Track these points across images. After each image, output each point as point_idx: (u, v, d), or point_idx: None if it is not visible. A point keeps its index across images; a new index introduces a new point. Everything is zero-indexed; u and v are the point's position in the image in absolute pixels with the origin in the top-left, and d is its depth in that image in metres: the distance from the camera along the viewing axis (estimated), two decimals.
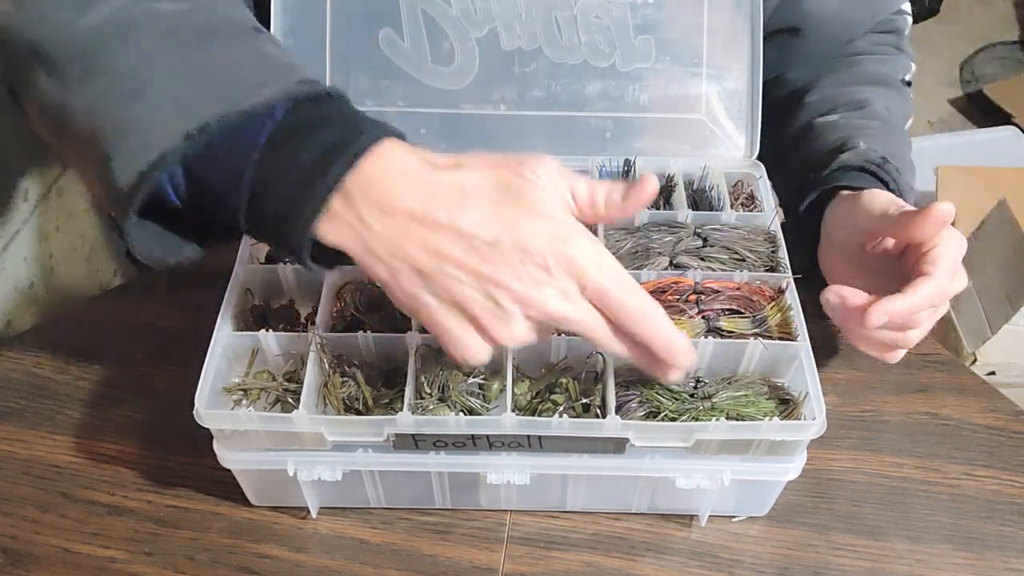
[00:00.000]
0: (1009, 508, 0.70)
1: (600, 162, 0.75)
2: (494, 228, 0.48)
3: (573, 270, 0.48)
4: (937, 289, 0.61)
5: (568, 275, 0.48)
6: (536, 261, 0.47)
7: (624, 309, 0.49)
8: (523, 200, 0.48)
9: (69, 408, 0.76)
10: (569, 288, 0.48)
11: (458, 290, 0.48)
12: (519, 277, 0.47)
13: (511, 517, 0.69)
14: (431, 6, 0.73)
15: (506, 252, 0.47)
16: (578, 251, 0.48)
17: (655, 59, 0.75)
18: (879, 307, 0.59)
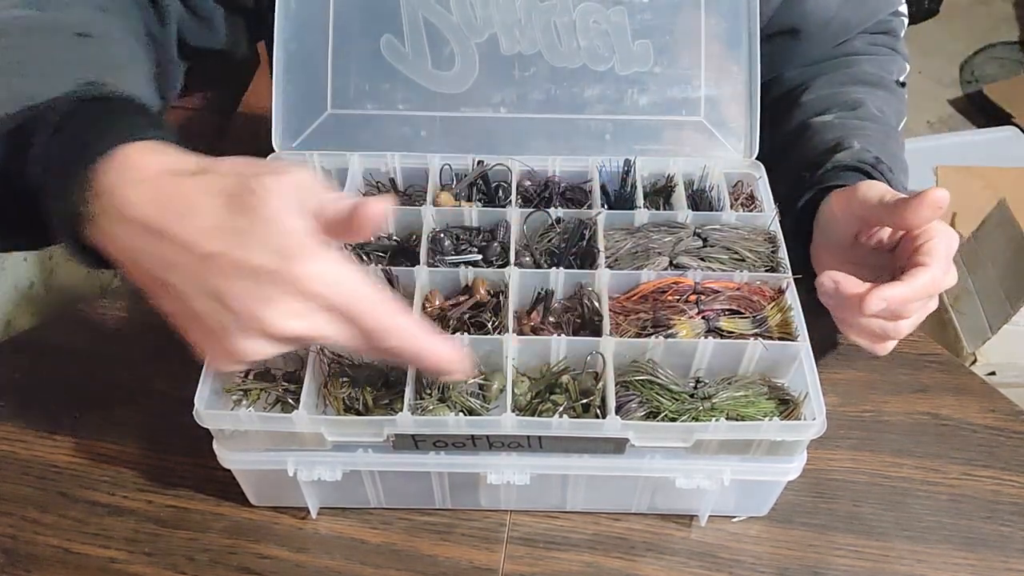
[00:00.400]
0: (1009, 508, 0.70)
1: (600, 162, 0.75)
2: (220, 241, 0.45)
3: (301, 288, 0.45)
4: (933, 279, 0.62)
5: (296, 294, 0.45)
6: (261, 278, 0.45)
7: (365, 327, 0.47)
8: (255, 213, 0.45)
9: (69, 408, 0.76)
10: (297, 307, 0.45)
11: (191, 302, 0.47)
12: (245, 293, 0.45)
13: (511, 517, 0.69)
14: (432, 13, 0.74)
15: (229, 266, 0.45)
16: (305, 269, 0.45)
17: (654, 63, 0.75)
18: (878, 292, 0.60)
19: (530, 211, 0.71)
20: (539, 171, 0.76)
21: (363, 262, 0.70)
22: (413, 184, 0.77)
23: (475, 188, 0.76)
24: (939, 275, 0.63)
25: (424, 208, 0.71)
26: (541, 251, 0.71)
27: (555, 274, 0.67)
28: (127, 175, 0.47)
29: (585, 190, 0.75)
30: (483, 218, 0.73)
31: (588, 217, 0.71)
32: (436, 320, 0.66)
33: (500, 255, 0.69)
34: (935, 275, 0.62)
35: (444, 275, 0.68)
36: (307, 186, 0.48)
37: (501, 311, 0.66)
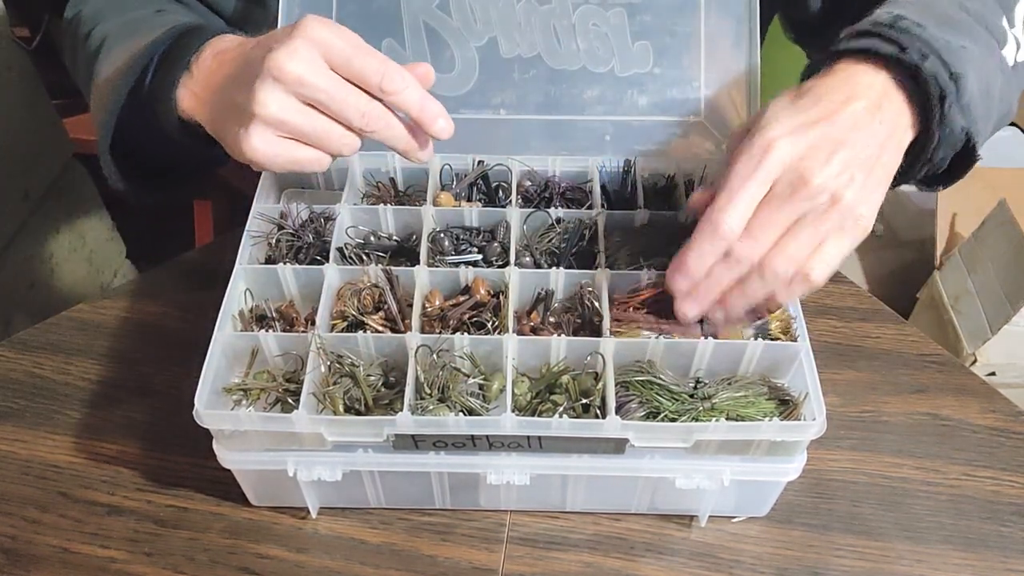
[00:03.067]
0: (1009, 508, 0.70)
1: (600, 163, 0.75)
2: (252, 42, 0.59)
3: (304, 32, 0.53)
4: (712, 230, 0.54)
5: (299, 36, 0.53)
6: (276, 34, 0.56)
7: (361, 70, 0.54)
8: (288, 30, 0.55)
9: (69, 408, 0.76)
10: (299, 48, 0.53)
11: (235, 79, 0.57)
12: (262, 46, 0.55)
13: (511, 517, 0.69)
14: (432, 17, 0.74)
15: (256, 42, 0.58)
16: (308, 19, 0.54)
17: (653, 64, 0.76)
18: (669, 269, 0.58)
19: (530, 211, 0.71)
20: (539, 171, 0.76)
21: (363, 262, 0.70)
22: (413, 184, 0.77)
23: (475, 188, 0.76)
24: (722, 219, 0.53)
25: (424, 208, 0.71)
26: (541, 251, 0.71)
27: (555, 274, 0.67)
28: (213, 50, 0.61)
29: (585, 190, 0.76)
30: (483, 218, 0.73)
31: (588, 217, 0.71)
32: (436, 320, 0.66)
33: (500, 255, 0.69)
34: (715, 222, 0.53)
35: (444, 275, 0.68)
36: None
37: (501, 311, 0.66)
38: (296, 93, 0.54)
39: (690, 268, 0.57)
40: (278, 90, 0.54)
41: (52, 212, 1.34)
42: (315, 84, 0.53)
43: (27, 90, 1.25)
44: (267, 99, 0.54)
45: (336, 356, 0.63)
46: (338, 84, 0.54)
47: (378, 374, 0.64)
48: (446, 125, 0.57)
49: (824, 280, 0.55)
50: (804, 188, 0.53)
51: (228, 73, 0.58)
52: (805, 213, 0.54)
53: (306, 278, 0.69)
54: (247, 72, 0.55)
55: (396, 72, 0.55)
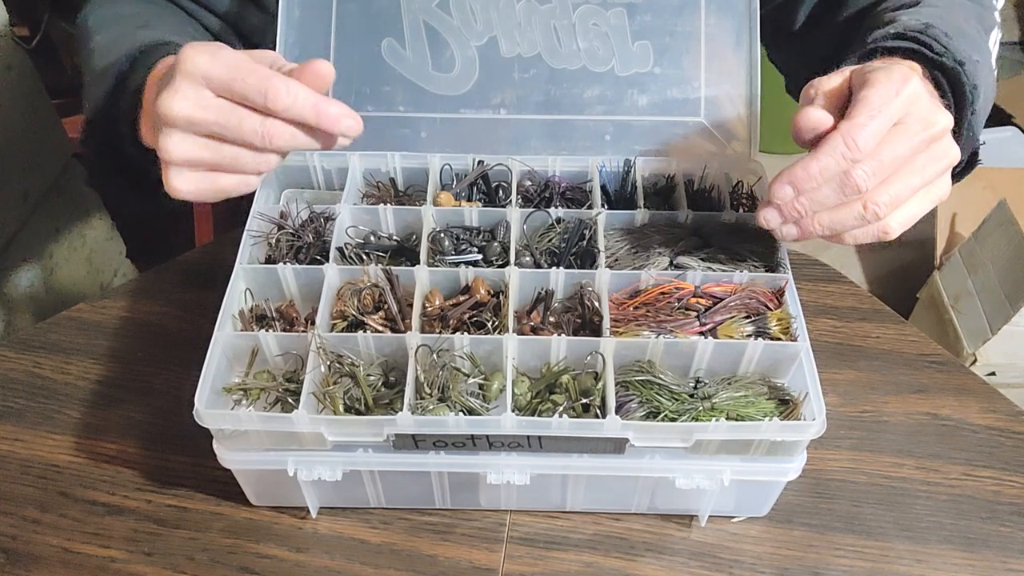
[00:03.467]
0: (1009, 508, 0.70)
1: (600, 162, 0.75)
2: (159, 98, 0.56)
3: (183, 68, 0.53)
4: (844, 143, 0.54)
5: (182, 77, 0.53)
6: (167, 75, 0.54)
7: (248, 92, 0.52)
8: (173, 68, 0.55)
9: (69, 408, 0.76)
10: (182, 87, 0.53)
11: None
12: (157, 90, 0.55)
13: (511, 517, 0.69)
14: (432, 17, 0.74)
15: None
16: (186, 52, 0.53)
17: (653, 64, 0.76)
18: (778, 178, 0.56)
19: (530, 211, 0.71)
20: (539, 171, 0.76)
21: (363, 262, 0.70)
22: (413, 184, 0.77)
23: (475, 188, 0.76)
24: (857, 135, 0.53)
25: (424, 208, 0.71)
26: (541, 251, 0.71)
27: (555, 274, 0.67)
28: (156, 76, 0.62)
29: (585, 190, 0.76)
30: (483, 218, 0.73)
31: (588, 217, 0.71)
32: (436, 320, 0.66)
33: (500, 255, 0.69)
34: (846, 137, 0.53)
35: (444, 275, 0.68)
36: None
37: (501, 311, 0.66)
38: (192, 131, 0.54)
39: (806, 177, 0.55)
40: (175, 134, 0.54)
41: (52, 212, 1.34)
42: (204, 119, 0.53)
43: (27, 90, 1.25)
44: (168, 145, 0.54)
45: (336, 356, 0.63)
46: (228, 112, 0.53)
47: (378, 374, 0.64)
48: (353, 124, 0.55)
49: (897, 232, 0.58)
50: (931, 128, 0.55)
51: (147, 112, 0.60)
52: (919, 155, 0.56)
53: (306, 278, 0.69)
54: (153, 117, 0.55)
55: (280, 87, 0.52)
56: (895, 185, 0.56)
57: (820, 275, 0.88)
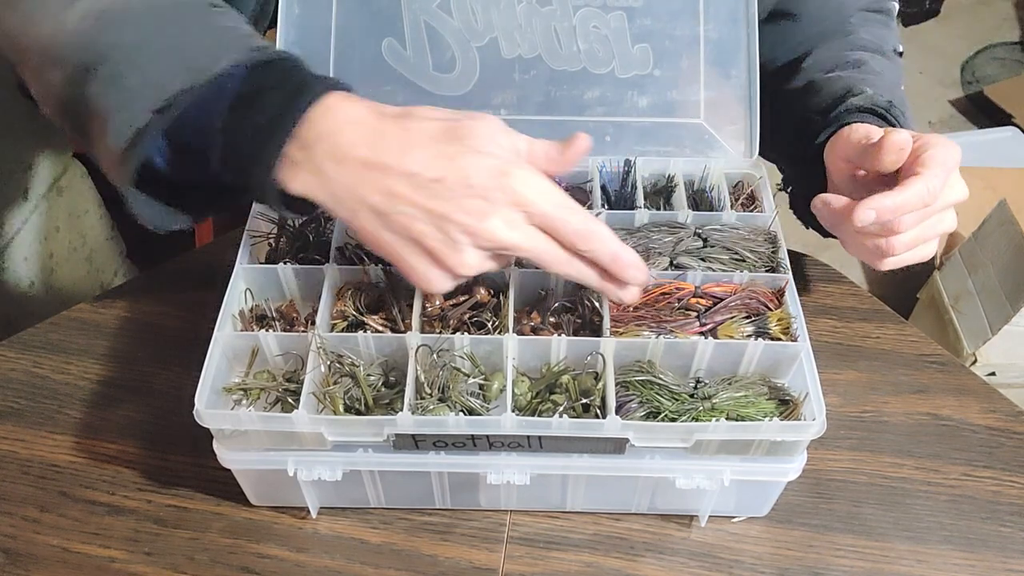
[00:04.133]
0: (1009, 508, 0.70)
1: (601, 162, 0.75)
2: (439, 166, 0.51)
3: (515, 199, 0.51)
4: (927, 188, 0.60)
5: (511, 204, 0.51)
6: (479, 193, 0.51)
7: (568, 229, 0.53)
8: (466, 140, 0.52)
9: (69, 408, 0.76)
10: (513, 217, 0.52)
11: (412, 226, 0.52)
12: (465, 210, 0.51)
13: (511, 517, 0.69)
14: (433, 17, 0.74)
15: (451, 187, 0.51)
16: (518, 182, 0.51)
17: (653, 66, 0.76)
18: (867, 203, 0.61)
19: None
20: None
21: (363, 262, 0.70)
22: None
23: None
24: (934, 184, 0.61)
25: None
26: None
27: (555, 274, 0.67)
28: (338, 120, 0.52)
29: (585, 190, 0.75)
30: None
31: None
32: (436, 320, 0.66)
33: None
34: (929, 184, 0.60)
35: None
36: (505, 126, 0.55)
37: (501, 311, 0.66)
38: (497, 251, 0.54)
39: (891, 209, 0.61)
40: (480, 252, 0.53)
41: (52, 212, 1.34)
42: (520, 249, 0.53)
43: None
44: (468, 260, 0.53)
45: (336, 356, 0.63)
46: (541, 249, 0.54)
47: (378, 374, 0.64)
48: (639, 275, 0.56)
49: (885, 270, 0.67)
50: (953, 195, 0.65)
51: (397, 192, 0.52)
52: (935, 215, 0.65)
53: (306, 278, 0.69)
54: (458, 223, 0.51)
55: (595, 235, 0.53)
56: (914, 233, 0.64)
57: (820, 275, 0.88)
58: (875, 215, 0.61)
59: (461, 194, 0.51)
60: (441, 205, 0.51)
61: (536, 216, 0.52)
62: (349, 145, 0.52)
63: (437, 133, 0.52)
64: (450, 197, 0.51)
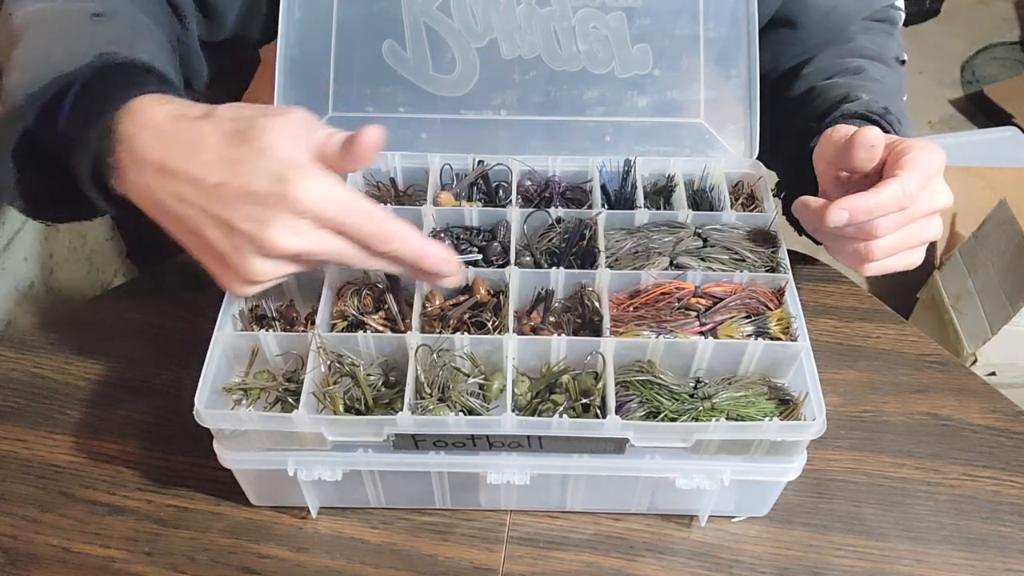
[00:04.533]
0: (1009, 508, 0.70)
1: (600, 162, 0.75)
2: (222, 171, 0.50)
3: (295, 207, 0.50)
4: (902, 189, 0.59)
5: (291, 212, 0.50)
6: (259, 201, 0.50)
7: (361, 233, 0.52)
8: (253, 143, 0.50)
9: (69, 408, 0.76)
10: (296, 224, 0.50)
11: (202, 231, 0.52)
12: (247, 217, 0.50)
13: (511, 517, 0.69)
14: (433, 19, 0.75)
15: (233, 193, 0.50)
16: (298, 188, 0.49)
17: (653, 66, 0.76)
18: (838, 203, 0.60)
19: (530, 211, 0.71)
20: (539, 171, 0.76)
21: None
22: (413, 184, 0.77)
23: (475, 188, 0.76)
24: (910, 186, 0.60)
25: (424, 208, 0.71)
26: (541, 251, 0.71)
27: (555, 274, 0.67)
28: (139, 122, 0.53)
29: (585, 190, 0.76)
30: (483, 218, 0.73)
31: (588, 217, 0.71)
32: (436, 320, 0.66)
33: (500, 255, 0.69)
34: (905, 186, 0.59)
35: None
36: (306, 122, 0.53)
37: (501, 311, 0.66)
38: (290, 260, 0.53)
39: (863, 210, 0.60)
40: (269, 261, 0.53)
41: None
42: (312, 254, 0.52)
43: None
44: (258, 268, 0.52)
45: (336, 356, 0.63)
46: (336, 250, 0.53)
47: (378, 374, 0.64)
48: (452, 269, 0.57)
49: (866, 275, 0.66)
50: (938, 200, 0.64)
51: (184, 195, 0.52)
52: (919, 220, 0.64)
53: (306, 278, 0.69)
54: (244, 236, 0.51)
55: (393, 235, 0.53)
56: (895, 237, 0.63)
57: (820, 275, 0.88)
58: (847, 215, 0.60)
59: (242, 201, 0.50)
60: (225, 211, 0.51)
61: (324, 222, 0.51)
62: (145, 148, 0.52)
63: (227, 135, 0.51)
64: (232, 204, 0.50)
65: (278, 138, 0.51)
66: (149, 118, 0.53)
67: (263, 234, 0.50)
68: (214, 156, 0.51)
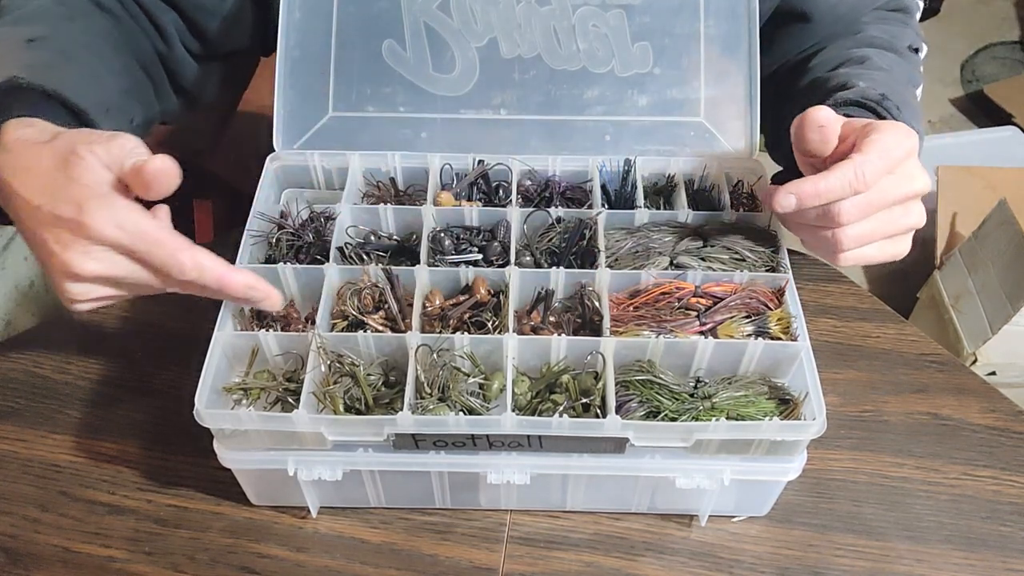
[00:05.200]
0: (1009, 508, 0.70)
1: (600, 162, 0.75)
2: (41, 195, 0.54)
3: (89, 234, 0.53)
4: (854, 172, 0.58)
5: (87, 239, 0.53)
6: (65, 225, 0.53)
7: (155, 262, 0.54)
8: (66, 170, 0.54)
9: (69, 408, 0.76)
10: (93, 249, 0.54)
11: (34, 249, 0.57)
12: (56, 239, 0.54)
13: (511, 517, 0.69)
14: (432, 18, 0.75)
15: (46, 216, 0.54)
16: (91, 217, 0.53)
17: (653, 64, 0.76)
18: (787, 187, 0.59)
19: (530, 211, 0.71)
20: (539, 171, 0.76)
21: (363, 262, 0.70)
22: (413, 184, 0.77)
23: (475, 188, 0.76)
24: (864, 168, 0.58)
25: (424, 208, 0.71)
26: (541, 251, 0.71)
27: (555, 274, 0.67)
28: (2, 143, 0.58)
29: (585, 190, 0.76)
30: (483, 218, 0.73)
31: (588, 217, 0.71)
32: (436, 320, 0.66)
33: (500, 255, 0.69)
34: (858, 168, 0.57)
35: (444, 274, 0.68)
36: (120, 149, 0.55)
37: (501, 311, 0.66)
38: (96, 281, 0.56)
39: (812, 194, 0.59)
40: (78, 284, 0.55)
41: None
42: (112, 276, 0.55)
43: None
44: (70, 289, 0.56)
45: (336, 355, 0.63)
46: (136, 274, 0.55)
47: (378, 373, 0.64)
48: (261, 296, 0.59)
49: (844, 265, 0.64)
50: (914, 185, 0.61)
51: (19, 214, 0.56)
52: (896, 207, 0.61)
53: (306, 278, 0.69)
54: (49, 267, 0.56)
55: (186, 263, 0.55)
56: (865, 225, 0.61)
57: (820, 275, 0.88)
58: (795, 200, 0.59)
59: (52, 224, 0.54)
60: (42, 232, 0.55)
61: (119, 249, 0.54)
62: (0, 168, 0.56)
63: (54, 161, 0.55)
64: (46, 226, 0.54)
65: (87, 166, 0.54)
66: (8, 140, 0.57)
67: (65, 257, 0.54)
68: (40, 180, 0.55)
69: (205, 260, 0.55)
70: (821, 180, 0.58)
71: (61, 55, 0.68)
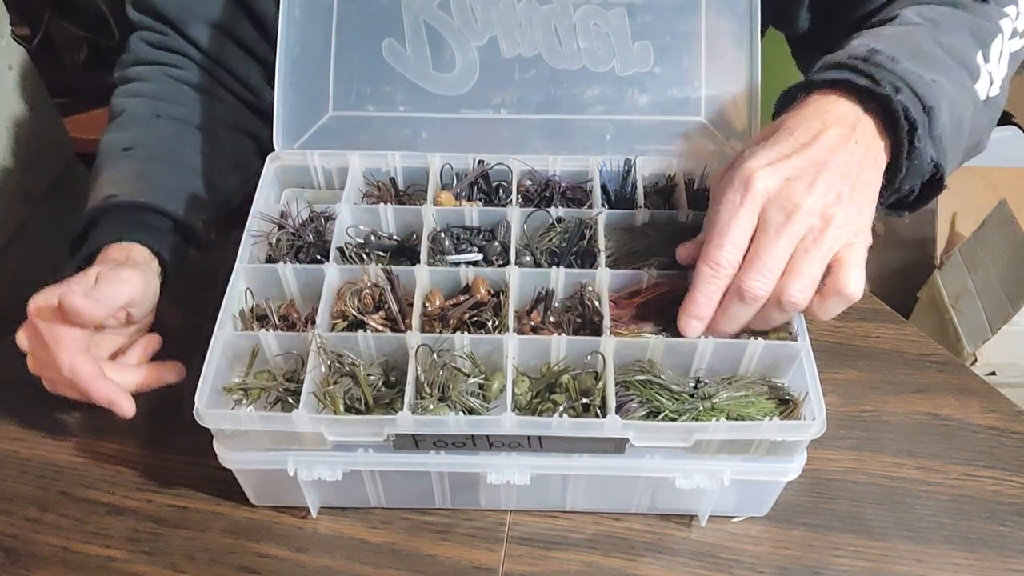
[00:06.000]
0: (1009, 508, 0.70)
1: (601, 162, 0.75)
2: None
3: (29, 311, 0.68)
4: (708, 266, 0.56)
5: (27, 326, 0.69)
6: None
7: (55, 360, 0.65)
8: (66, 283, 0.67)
9: (69, 408, 0.76)
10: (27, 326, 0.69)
11: None
12: None
13: (511, 517, 0.69)
14: (433, 17, 0.74)
15: None
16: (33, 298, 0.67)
17: (654, 64, 0.75)
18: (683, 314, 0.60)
19: (531, 210, 0.71)
20: (539, 171, 0.76)
21: (364, 261, 0.70)
22: (414, 183, 0.77)
23: (475, 187, 0.76)
24: (713, 256, 0.56)
25: (424, 207, 0.71)
26: (541, 251, 0.71)
27: (555, 274, 0.67)
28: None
29: (586, 190, 0.75)
30: (484, 217, 0.73)
31: (589, 217, 0.71)
32: (436, 320, 0.66)
33: (500, 255, 0.69)
34: (708, 260, 0.56)
35: (444, 274, 0.68)
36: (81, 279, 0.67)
37: (501, 311, 0.66)
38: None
39: (702, 311, 0.59)
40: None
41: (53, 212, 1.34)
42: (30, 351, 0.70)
43: (27, 89, 1.25)
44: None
45: (336, 356, 0.63)
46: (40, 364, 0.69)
47: (378, 374, 0.64)
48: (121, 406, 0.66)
49: (860, 290, 0.56)
50: (796, 212, 0.55)
51: None
52: (803, 237, 0.56)
53: (306, 278, 0.69)
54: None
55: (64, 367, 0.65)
56: (801, 269, 0.56)
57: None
58: (697, 323, 0.60)
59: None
60: None
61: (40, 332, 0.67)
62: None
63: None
64: None
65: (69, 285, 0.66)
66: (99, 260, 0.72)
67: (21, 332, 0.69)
68: None
69: (80, 368, 0.64)
70: (695, 293, 0.58)
71: (144, 162, 0.78)
